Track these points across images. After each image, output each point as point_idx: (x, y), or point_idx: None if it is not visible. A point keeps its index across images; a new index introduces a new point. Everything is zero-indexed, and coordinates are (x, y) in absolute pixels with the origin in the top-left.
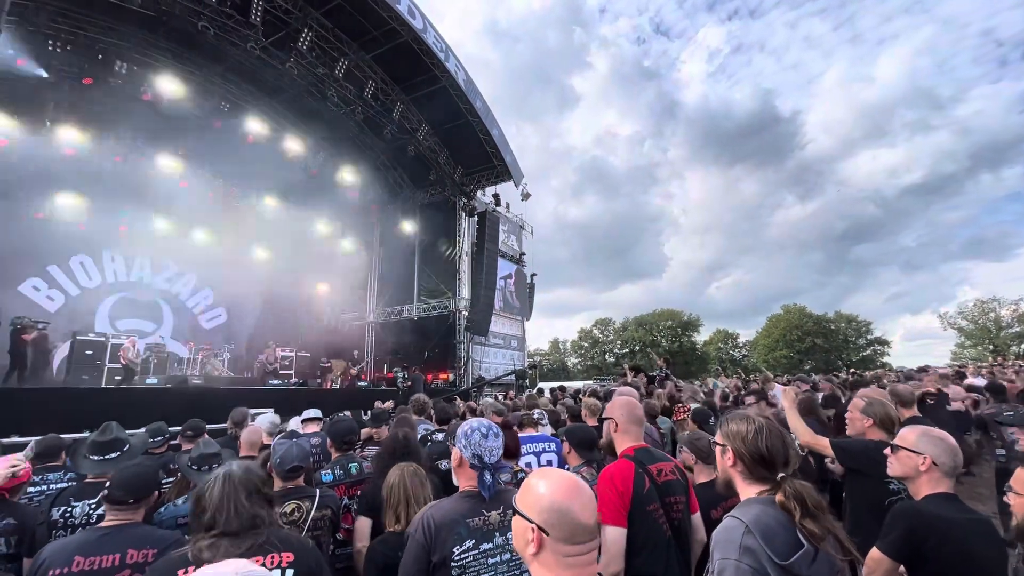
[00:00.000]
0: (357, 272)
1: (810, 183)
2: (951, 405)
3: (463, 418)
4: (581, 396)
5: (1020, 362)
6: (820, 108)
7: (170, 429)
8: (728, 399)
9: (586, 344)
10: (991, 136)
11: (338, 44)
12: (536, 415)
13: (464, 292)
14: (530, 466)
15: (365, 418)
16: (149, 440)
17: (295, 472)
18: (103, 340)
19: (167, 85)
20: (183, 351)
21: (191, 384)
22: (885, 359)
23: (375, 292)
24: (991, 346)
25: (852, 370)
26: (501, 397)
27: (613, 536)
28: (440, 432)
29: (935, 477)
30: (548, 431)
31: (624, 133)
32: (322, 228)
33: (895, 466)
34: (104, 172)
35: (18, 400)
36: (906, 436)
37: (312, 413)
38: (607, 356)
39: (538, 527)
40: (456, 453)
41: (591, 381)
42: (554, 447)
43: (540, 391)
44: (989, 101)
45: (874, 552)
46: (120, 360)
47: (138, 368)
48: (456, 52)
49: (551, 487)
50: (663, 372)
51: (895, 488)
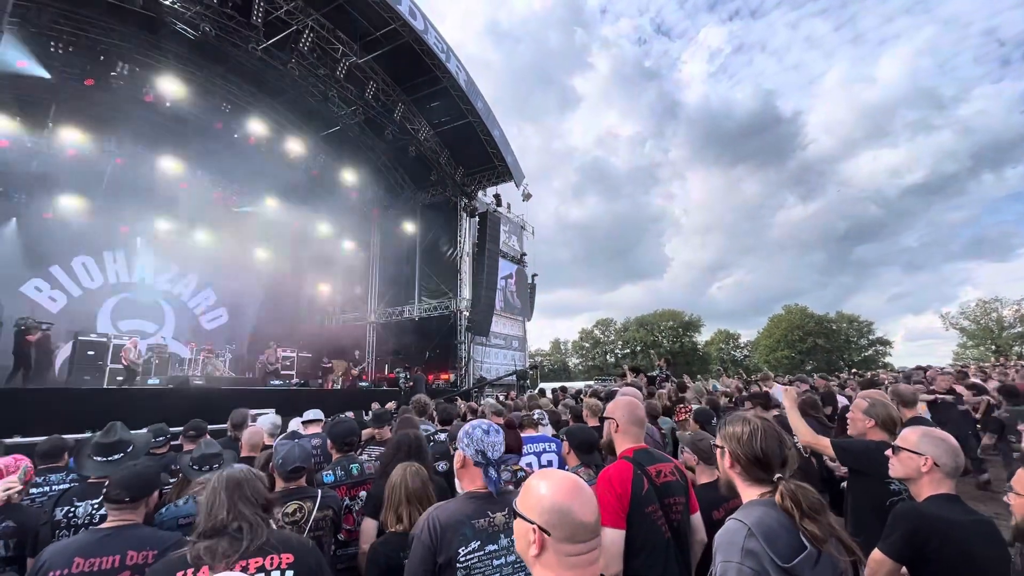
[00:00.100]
0: (358, 272)
1: (811, 183)
2: (963, 405)
3: (464, 419)
4: (582, 396)
5: (1022, 362)
6: (821, 108)
7: (171, 430)
8: (731, 400)
9: (587, 345)
10: (993, 136)
11: (339, 45)
12: (536, 415)
13: (465, 292)
14: (531, 466)
15: (365, 418)
16: (153, 440)
17: (297, 473)
18: (105, 341)
19: (168, 86)
20: (184, 351)
21: (192, 384)
22: (887, 359)
23: (376, 292)
24: (993, 346)
25: (854, 370)
26: (502, 397)
27: (612, 538)
28: (442, 432)
29: (937, 478)
30: (549, 431)
31: (625, 133)
32: (323, 229)
33: (897, 467)
34: (106, 173)
35: (20, 400)
36: (907, 437)
37: (313, 414)
38: (608, 357)
39: (539, 528)
40: (459, 455)
41: (592, 382)
42: (555, 447)
43: (542, 391)
44: (991, 101)
45: (876, 553)
46: (122, 361)
47: (140, 369)
48: (457, 53)
49: (551, 488)
50: (663, 372)
51: (896, 488)
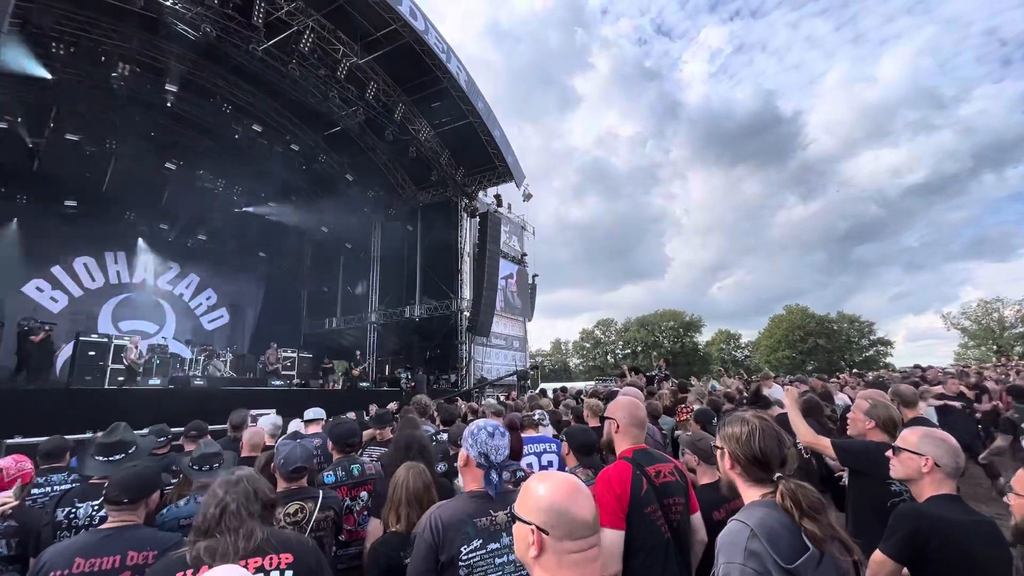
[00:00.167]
0: (359, 273)
1: (812, 183)
2: (980, 405)
3: (464, 419)
4: (583, 396)
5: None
6: (822, 108)
7: (172, 430)
8: (733, 400)
9: (588, 345)
10: (994, 136)
11: (340, 46)
12: (537, 416)
13: (466, 293)
14: (531, 467)
15: (366, 419)
16: (160, 440)
17: (298, 473)
18: (106, 341)
19: (169, 87)
20: (185, 352)
21: (193, 385)
22: (888, 359)
23: (377, 293)
24: (995, 346)
25: (854, 371)
26: (503, 398)
27: (611, 538)
28: (443, 433)
29: (938, 478)
30: (549, 432)
31: (626, 134)
32: (324, 229)
33: (897, 468)
34: (107, 174)
35: (22, 401)
36: (908, 438)
37: (314, 413)
38: (609, 357)
39: (538, 528)
40: (463, 453)
41: (593, 382)
42: (555, 448)
43: (543, 392)
44: (992, 101)
45: (877, 554)
46: (123, 361)
47: (140, 369)
48: (458, 53)
49: (549, 488)
50: (662, 372)
51: (897, 489)
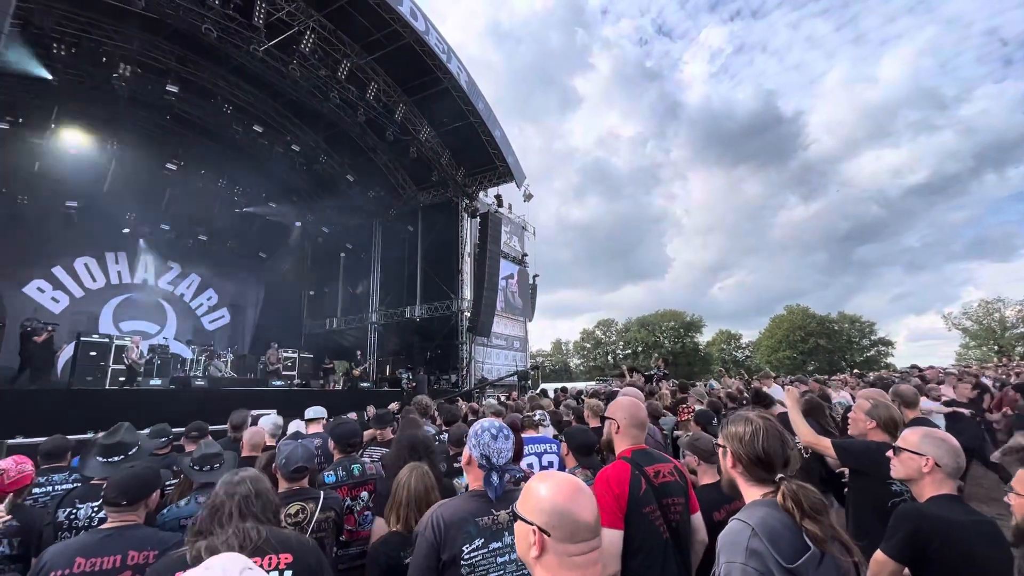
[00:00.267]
0: (359, 273)
1: (813, 184)
2: (992, 413)
3: (465, 419)
4: (583, 397)
5: None
6: (823, 109)
7: (173, 430)
8: (735, 400)
9: (589, 345)
10: (995, 136)
11: (340, 46)
12: (537, 416)
13: (466, 293)
14: (531, 467)
15: (365, 419)
16: (161, 440)
17: (300, 473)
18: (107, 341)
19: (170, 88)
20: (186, 352)
21: (194, 385)
22: (889, 360)
23: (377, 293)
24: (996, 347)
25: (855, 371)
26: (504, 398)
27: (609, 538)
28: (444, 433)
29: (938, 478)
30: (550, 432)
31: (626, 134)
32: (324, 229)
33: (898, 468)
34: (108, 174)
35: (23, 401)
36: (908, 438)
37: (315, 412)
38: (610, 357)
39: (539, 528)
40: (466, 452)
41: (594, 382)
42: (556, 448)
43: (544, 392)
44: (993, 101)
45: (878, 555)
46: (124, 361)
47: (140, 369)
48: (458, 54)
49: (551, 489)
50: (660, 371)
51: (897, 489)
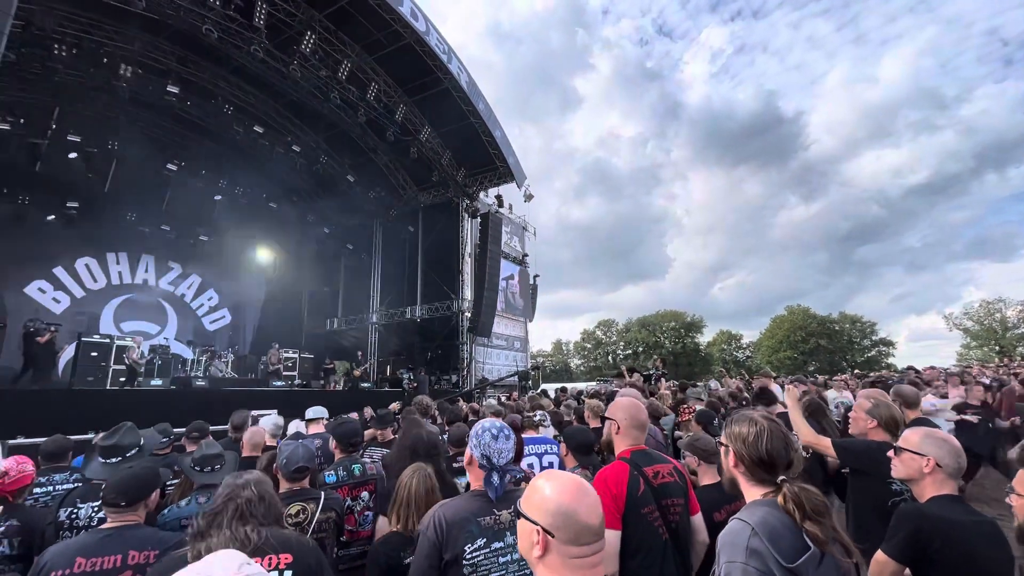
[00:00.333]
0: (360, 273)
1: (814, 184)
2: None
3: (465, 420)
4: (583, 397)
5: None
6: (824, 109)
7: (174, 431)
8: (737, 399)
9: (589, 345)
10: (996, 136)
11: (341, 47)
12: (538, 417)
13: (467, 293)
14: (532, 467)
15: (365, 419)
16: (162, 440)
17: (300, 473)
18: (108, 342)
19: (171, 88)
20: (187, 353)
21: (195, 386)
22: (890, 360)
23: (378, 293)
24: (997, 347)
25: (856, 371)
26: (504, 399)
27: (607, 538)
28: (444, 434)
29: (939, 479)
30: (551, 432)
31: (627, 134)
32: (325, 230)
33: (899, 468)
34: (109, 175)
35: (24, 401)
36: (909, 438)
37: (315, 412)
38: (610, 358)
39: (544, 529)
40: (467, 453)
41: (595, 382)
42: (556, 449)
43: (544, 392)
44: (994, 100)
45: (879, 555)
46: (125, 361)
47: (141, 369)
48: (459, 54)
49: (556, 489)
50: (658, 371)
51: (897, 489)
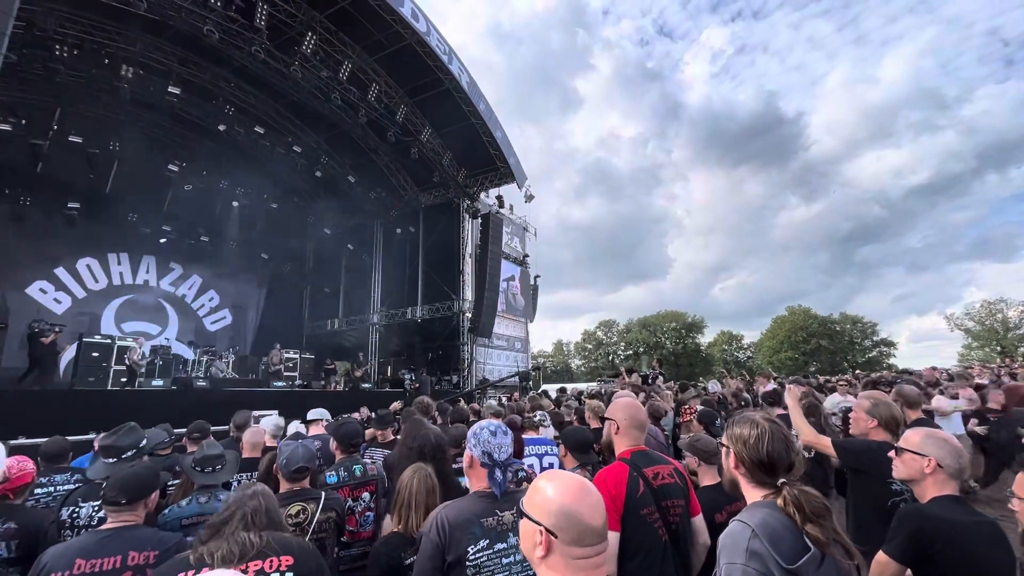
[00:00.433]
0: (361, 274)
1: (814, 184)
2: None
3: (465, 421)
4: (584, 398)
5: None
6: (824, 109)
7: (175, 431)
8: (739, 400)
9: (590, 346)
10: (997, 136)
11: (342, 47)
12: (538, 417)
13: (467, 294)
14: (532, 467)
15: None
16: (164, 441)
17: (301, 473)
18: (109, 343)
19: (172, 89)
20: (188, 353)
21: (196, 386)
22: (891, 360)
23: (379, 294)
24: (999, 347)
25: (857, 371)
26: (505, 399)
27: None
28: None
29: (940, 479)
30: (551, 433)
31: (627, 135)
32: (326, 230)
33: (900, 469)
34: (110, 175)
35: (25, 402)
36: (910, 438)
37: (316, 414)
38: (611, 358)
39: (547, 530)
40: (467, 454)
41: (595, 383)
42: (556, 450)
43: (545, 393)
44: (995, 101)
45: (880, 556)
46: (126, 361)
47: (141, 370)
48: (459, 55)
49: (559, 490)
50: (654, 372)
51: (898, 489)
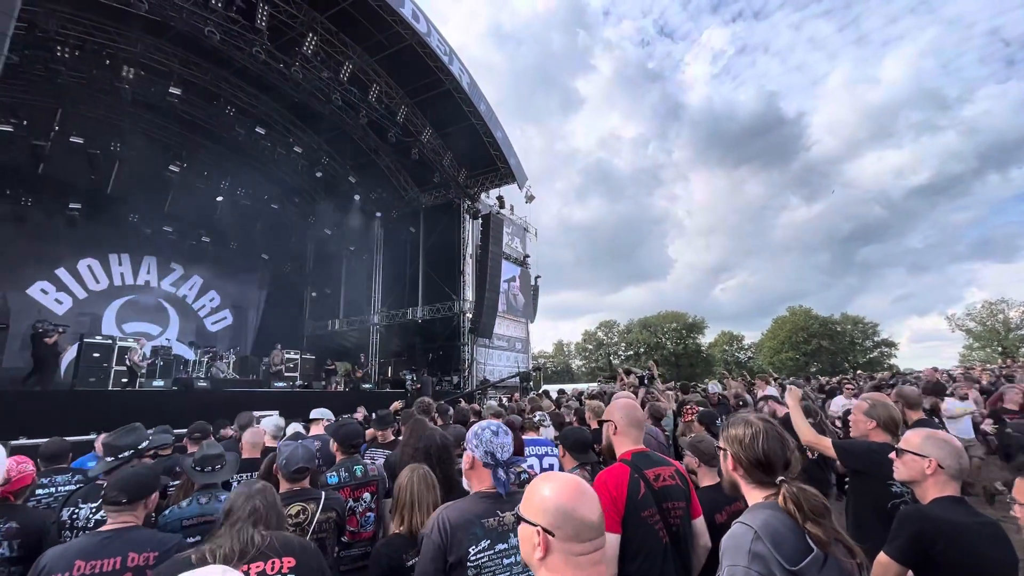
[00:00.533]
0: (361, 274)
1: (815, 185)
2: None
3: (465, 423)
4: (584, 399)
5: None
6: (825, 110)
7: (176, 431)
8: (740, 400)
9: (590, 347)
10: (998, 136)
11: (342, 48)
12: (538, 418)
13: (468, 294)
14: (532, 468)
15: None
16: (168, 442)
17: (301, 473)
18: (110, 343)
19: (173, 90)
20: (189, 354)
21: (197, 387)
22: (892, 361)
23: (379, 294)
24: (1000, 348)
25: (858, 372)
26: (506, 400)
27: (607, 541)
28: None
29: (941, 480)
30: (551, 434)
31: (628, 135)
32: (326, 231)
33: (901, 470)
34: (111, 176)
35: (26, 402)
36: (910, 439)
37: (318, 414)
38: (612, 359)
39: (544, 529)
40: (467, 455)
41: (596, 383)
42: (556, 452)
43: (545, 393)
44: (996, 101)
45: (881, 557)
46: (127, 362)
47: (142, 371)
48: (460, 55)
49: (554, 489)
50: (650, 373)
51: (898, 490)
